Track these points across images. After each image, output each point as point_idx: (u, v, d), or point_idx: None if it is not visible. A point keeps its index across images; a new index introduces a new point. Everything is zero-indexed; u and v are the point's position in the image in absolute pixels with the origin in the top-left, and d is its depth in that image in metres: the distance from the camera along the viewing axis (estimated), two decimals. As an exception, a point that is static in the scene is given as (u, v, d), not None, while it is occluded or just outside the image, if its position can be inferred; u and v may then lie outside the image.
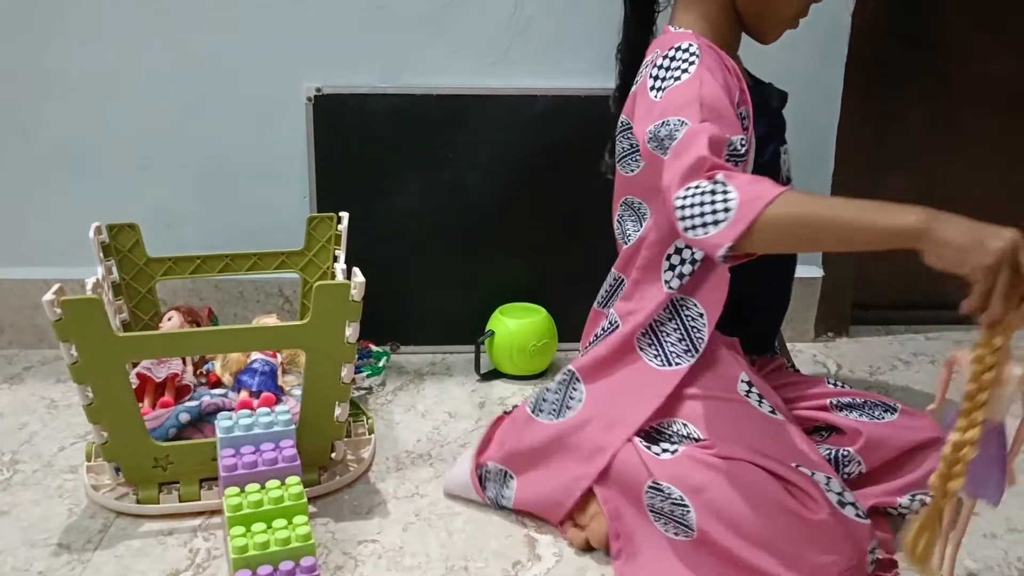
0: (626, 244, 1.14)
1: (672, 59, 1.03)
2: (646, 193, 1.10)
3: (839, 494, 0.94)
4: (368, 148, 1.50)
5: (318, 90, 1.48)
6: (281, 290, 1.60)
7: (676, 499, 0.98)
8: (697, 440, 1.03)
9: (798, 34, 1.52)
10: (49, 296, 0.99)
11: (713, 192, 0.87)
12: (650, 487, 1.00)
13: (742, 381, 1.06)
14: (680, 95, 0.99)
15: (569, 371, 1.12)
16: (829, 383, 1.20)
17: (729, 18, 1.09)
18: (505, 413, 1.23)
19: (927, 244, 0.76)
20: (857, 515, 0.93)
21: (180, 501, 1.12)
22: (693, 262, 1.06)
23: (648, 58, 1.09)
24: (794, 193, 0.86)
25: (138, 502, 1.11)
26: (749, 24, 1.11)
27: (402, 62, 1.50)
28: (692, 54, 1.02)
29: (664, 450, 1.03)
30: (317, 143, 1.50)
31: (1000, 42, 1.62)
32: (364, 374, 1.46)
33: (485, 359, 1.53)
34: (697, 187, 0.88)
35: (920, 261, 0.79)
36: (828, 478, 0.95)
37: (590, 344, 1.16)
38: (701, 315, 1.07)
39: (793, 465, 0.96)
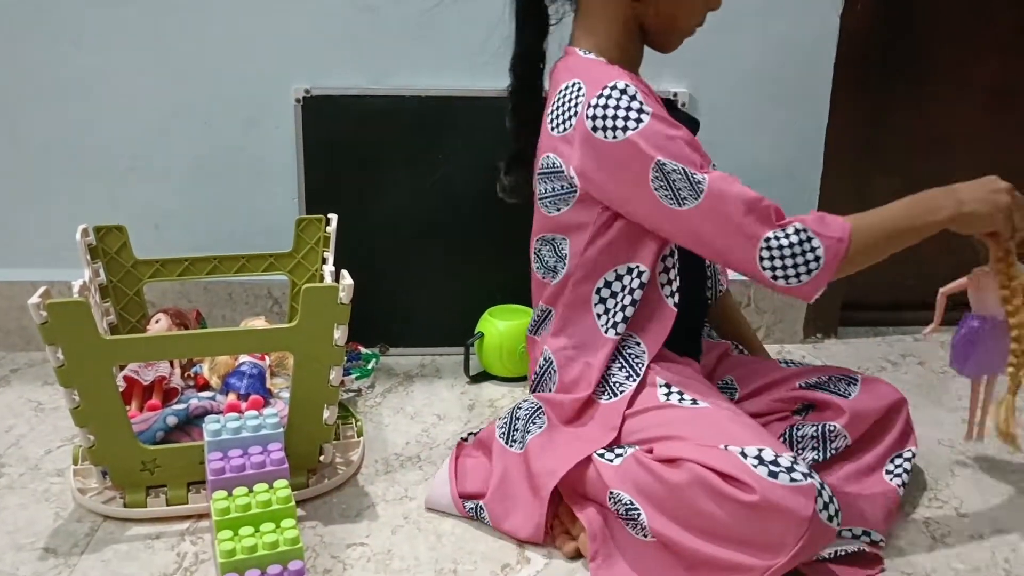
0: (547, 278, 1.16)
1: (615, 99, 1.01)
2: (568, 231, 1.11)
3: (771, 463, 0.91)
4: (357, 150, 1.50)
5: (307, 91, 1.48)
6: (270, 292, 1.60)
7: (627, 503, 0.99)
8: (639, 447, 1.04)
9: (787, 36, 1.54)
10: (35, 299, 0.98)
11: (800, 243, 0.98)
12: (610, 495, 1.01)
13: (660, 386, 1.07)
14: (658, 134, 1.00)
15: (536, 405, 1.13)
16: (781, 363, 1.26)
17: (634, 35, 1.11)
18: (463, 440, 1.21)
19: (961, 225, 1.01)
20: (793, 479, 0.90)
21: (167, 505, 1.11)
22: (632, 304, 1.08)
23: (566, 94, 1.06)
24: (857, 219, 1.00)
25: (125, 506, 1.11)
26: (652, 38, 1.12)
27: (391, 64, 1.50)
28: (633, 97, 1.01)
29: (616, 455, 1.03)
30: (306, 145, 1.50)
31: (983, 44, 1.63)
32: (353, 376, 1.46)
33: (474, 361, 1.53)
34: (782, 237, 0.98)
35: (906, 262, 0.91)
36: (759, 449, 0.93)
37: (537, 377, 1.16)
38: (638, 345, 1.10)
39: (721, 446, 0.94)
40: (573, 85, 1.05)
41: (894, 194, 1.68)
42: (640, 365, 1.09)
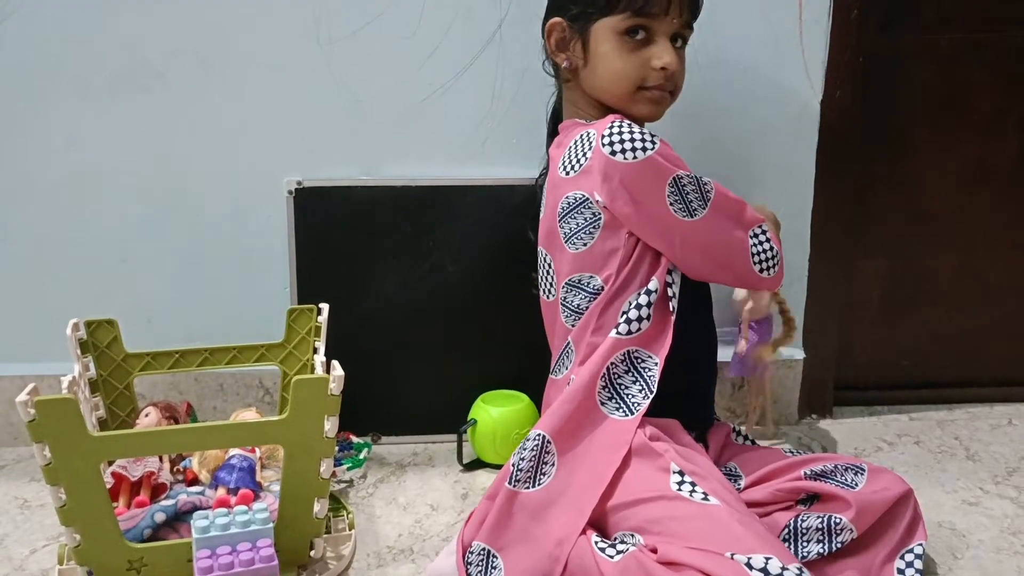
0: (573, 319, 1.19)
1: (626, 129, 1.10)
2: (596, 265, 1.16)
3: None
4: (348, 240, 1.52)
5: (299, 183, 1.50)
6: (261, 382, 1.59)
7: None
8: (641, 542, 1.01)
9: (769, 121, 1.58)
10: (23, 396, 0.97)
11: (765, 235, 1.18)
12: None
13: (674, 472, 1.05)
14: (670, 155, 1.11)
15: (540, 435, 1.11)
16: (787, 452, 1.24)
17: (600, 106, 1.21)
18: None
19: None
20: None
21: (154, 605, 1.09)
22: (639, 307, 1.14)
23: (578, 143, 1.16)
24: None
25: (110, 607, 1.08)
26: (612, 107, 1.19)
27: (381, 155, 1.53)
28: (640, 129, 1.11)
29: (618, 552, 1.00)
30: (298, 235, 1.51)
31: (962, 125, 1.66)
32: (345, 466, 1.44)
33: (468, 448, 1.51)
34: (758, 232, 1.17)
35: (897, 341, 0.92)
36: (766, 559, 0.90)
37: (555, 365, 1.22)
38: (651, 358, 1.14)
39: (727, 555, 0.92)
40: (583, 135, 1.15)
41: (880, 274, 1.71)
42: (653, 380, 1.13)
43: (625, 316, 1.14)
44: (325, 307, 1.39)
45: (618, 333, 1.13)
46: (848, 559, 1.10)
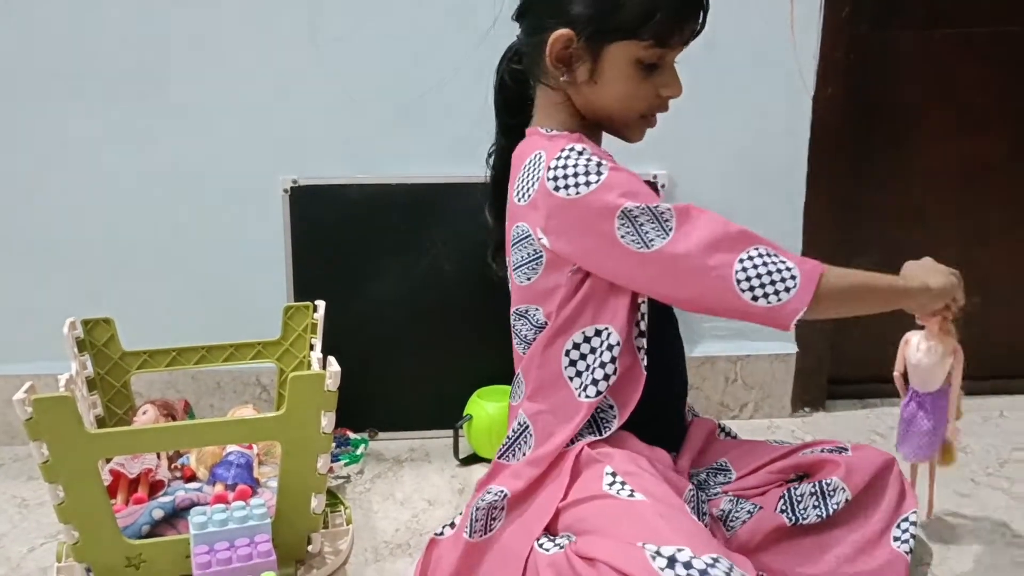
0: (522, 347, 1.16)
1: (572, 160, 1.04)
2: (540, 299, 1.12)
3: (684, 564, 0.87)
4: (344, 238, 1.52)
5: (295, 182, 1.51)
6: (259, 379, 1.60)
7: None
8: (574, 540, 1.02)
9: (762, 120, 1.58)
10: (20, 395, 0.98)
11: (772, 259, 1.01)
12: None
13: (607, 474, 1.04)
14: (620, 184, 1.02)
15: (502, 492, 1.07)
16: (773, 442, 1.26)
17: (582, 120, 1.12)
18: (435, 535, 1.14)
19: (925, 299, 1.11)
20: None
21: (153, 601, 1.09)
22: (603, 365, 1.07)
23: (529, 165, 1.09)
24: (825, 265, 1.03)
25: (109, 604, 1.09)
26: (603, 125, 1.13)
27: (377, 153, 1.53)
28: (592, 156, 1.04)
29: (556, 545, 1.01)
30: (294, 233, 1.52)
31: (955, 122, 1.67)
32: (342, 462, 1.45)
33: (464, 443, 1.52)
34: (755, 254, 1.00)
35: (889, 335, 0.94)
36: (677, 550, 0.89)
37: (509, 442, 1.13)
38: (611, 408, 1.10)
39: (639, 544, 0.91)
40: (536, 156, 1.08)
41: (873, 270, 1.71)
42: (607, 428, 1.09)
43: (590, 377, 1.08)
44: (321, 304, 1.40)
45: (587, 396, 1.07)
46: (847, 531, 1.12)
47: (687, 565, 0.87)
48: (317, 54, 1.49)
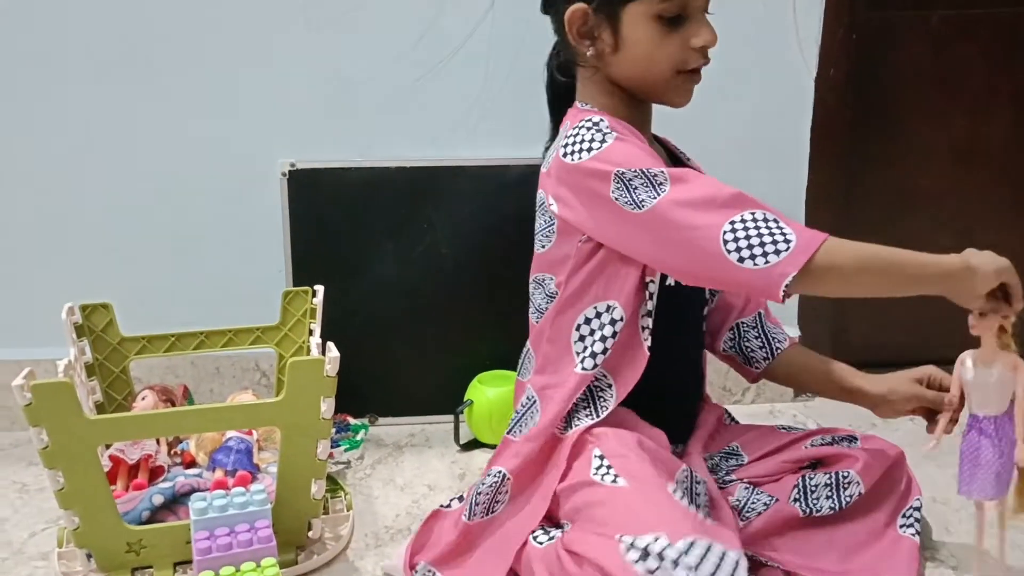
0: (536, 317, 1.16)
1: (586, 129, 1.05)
2: (553, 267, 1.12)
3: (657, 555, 0.87)
4: (343, 221, 1.51)
5: (293, 165, 1.50)
6: (258, 364, 1.59)
7: None
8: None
9: (764, 101, 1.57)
10: (19, 380, 0.98)
11: (767, 222, 0.94)
12: None
13: (595, 457, 1.03)
14: (620, 152, 1.02)
15: (500, 472, 1.07)
16: (780, 429, 1.25)
17: (621, 94, 1.11)
18: (442, 507, 1.16)
19: (963, 280, 0.96)
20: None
21: (153, 587, 1.09)
22: (603, 339, 1.07)
23: (561, 132, 1.11)
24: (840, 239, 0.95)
25: (110, 589, 1.09)
26: (643, 94, 1.11)
27: (375, 136, 1.52)
28: (606, 128, 1.04)
29: (549, 537, 1.01)
30: (292, 217, 1.51)
31: (953, 104, 1.66)
32: (342, 448, 1.45)
33: (464, 429, 1.52)
34: (748, 217, 0.94)
35: (891, 320, 0.90)
36: (655, 537, 0.88)
37: (518, 416, 1.13)
38: (610, 387, 1.08)
39: (616, 537, 0.91)
40: (566, 127, 1.10)
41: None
42: (604, 408, 1.08)
43: (590, 350, 1.07)
44: (320, 289, 1.39)
45: (583, 368, 1.07)
46: (856, 524, 1.12)
47: (660, 556, 0.87)
48: (314, 37, 1.47)
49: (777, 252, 0.92)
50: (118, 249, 1.54)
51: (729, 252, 0.94)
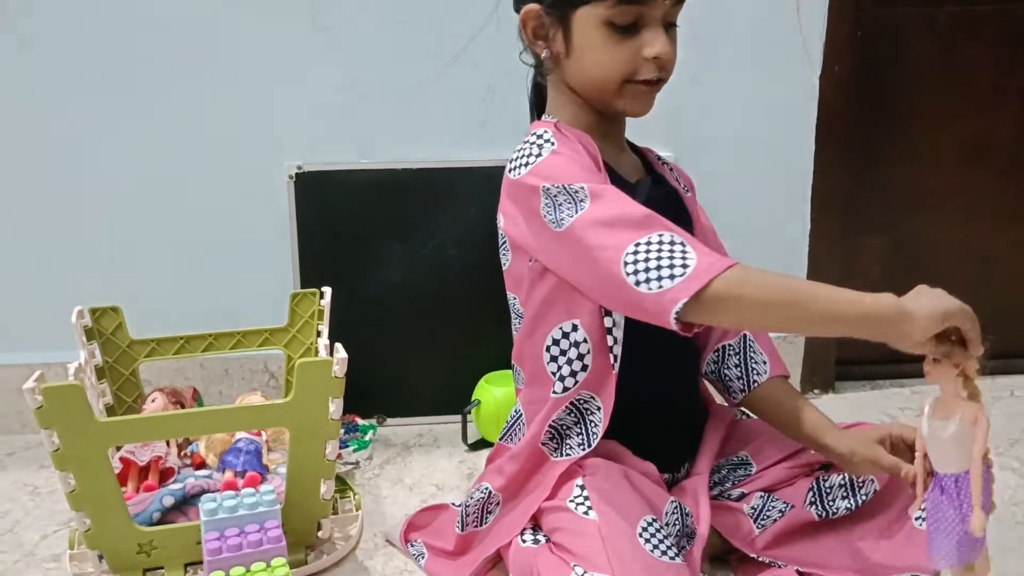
0: (515, 336, 1.16)
1: (529, 143, 1.04)
2: (515, 287, 1.12)
3: None
4: (350, 223, 1.52)
5: (299, 168, 1.50)
6: (266, 366, 1.60)
7: None
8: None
9: (769, 99, 1.57)
10: (30, 383, 0.98)
11: (672, 244, 0.89)
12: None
13: (577, 486, 1.03)
14: (551, 166, 1.00)
15: (487, 489, 1.10)
16: None
17: (582, 102, 1.07)
18: (452, 504, 1.21)
19: (905, 322, 0.83)
20: None
21: (165, 587, 1.10)
22: (571, 361, 1.04)
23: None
24: (750, 267, 0.88)
25: (121, 590, 1.09)
26: (596, 103, 1.06)
27: (380, 138, 1.53)
28: (546, 140, 1.03)
29: (534, 539, 1.04)
30: (299, 220, 1.52)
31: (960, 102, 1.66)
32: (351, 448, 1.45)
33: (472, 428, 1.52)
34: (655, 240, 0.90)
35: None
36: None
37: (507, 426, 1.15)
38: (599, 410, 1.06)
39: (571, 565, 0.94)
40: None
41: (880, 250, 1.69)
42: (595, 433, 1.06)
43: (560, 373, 1.05)
44: (328, 291, 1.40)
45: (555, 392, 1.05)
46: (871, 520, 1.10)
47: None
48: (320, 39, 1.48)
49: (672, 277, 0.87)
50: (127, 252, 1.55)
51: (628, 275, 0.89)
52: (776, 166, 1.60)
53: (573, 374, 1.05)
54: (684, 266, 0.87)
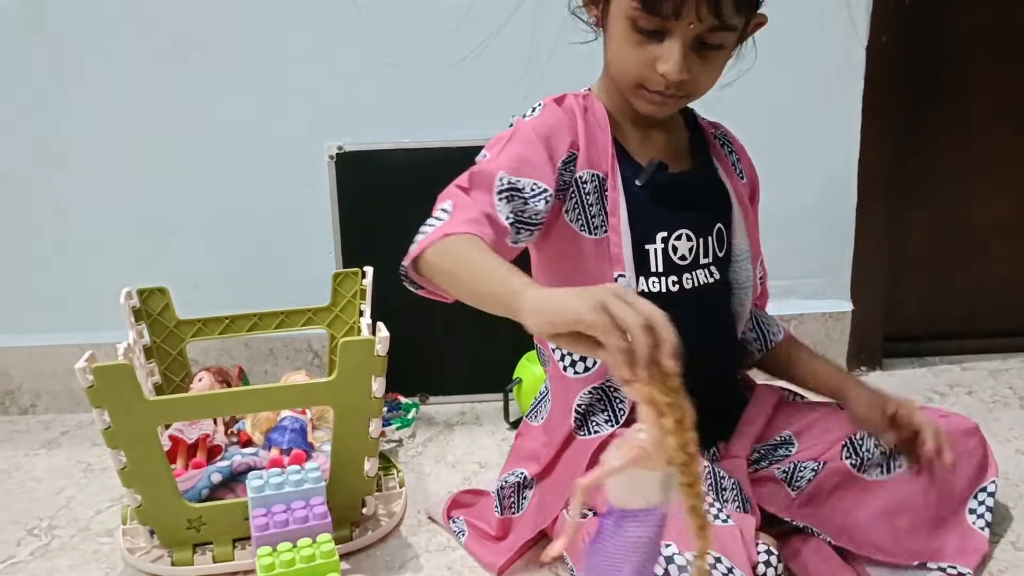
0: None
1: (523, 115, 1.07)
2: (537, 266, 1.13)
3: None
4: (390, 202, 1.52)
5: (340, 148, 1.51)
6: (310, 345, 1.62)
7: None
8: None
9: (814, 70, 1.54)
10: (81, 363, 1.00)
11: (443, 211, 0.97)
12: None
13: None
14: (499, 140, 1.05)
15: (522, 474, 1.11)
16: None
17: (614, 87, 1.07)
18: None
19: (521, 312, 0.79)
20: None
21: (214, 562, 1.12)
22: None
23: None
24: (464, 237, 0.91)
25: (172, 564, 1.11)
26: (616, 87, 1.05)
27: (420, 117, 1.53)
28: (534, 108, 1.06)
29: (583, 515, 1.01)
30: (341, 200, 1.52)
31: (1009, 69, 1.61)
32: (394, 426, 1.47)
33: (514, 407, 1.52)
34: (447, 201, 0.99)
35: (948, 291, 0.82)
36: (666, 544, 0.89)
37: (534, 403, 1.17)
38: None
39: None
40: None
41: (930, 223, 1.65)
42: (622, 411, 1.06)
43: (570, 357, 1.07)
44: (369, 270, 1.40)
45: (575, 372, 1.07)
46: (919, 500, 1.05)
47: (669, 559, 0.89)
48: (360, 19, 1.48)
49: (415, 241, 0.95)
50: (172, 234, 1.57)
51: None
52: (822, 139, 1.57)
53: (584, 357, 1.05)
54: (423, 233, 0.95)
